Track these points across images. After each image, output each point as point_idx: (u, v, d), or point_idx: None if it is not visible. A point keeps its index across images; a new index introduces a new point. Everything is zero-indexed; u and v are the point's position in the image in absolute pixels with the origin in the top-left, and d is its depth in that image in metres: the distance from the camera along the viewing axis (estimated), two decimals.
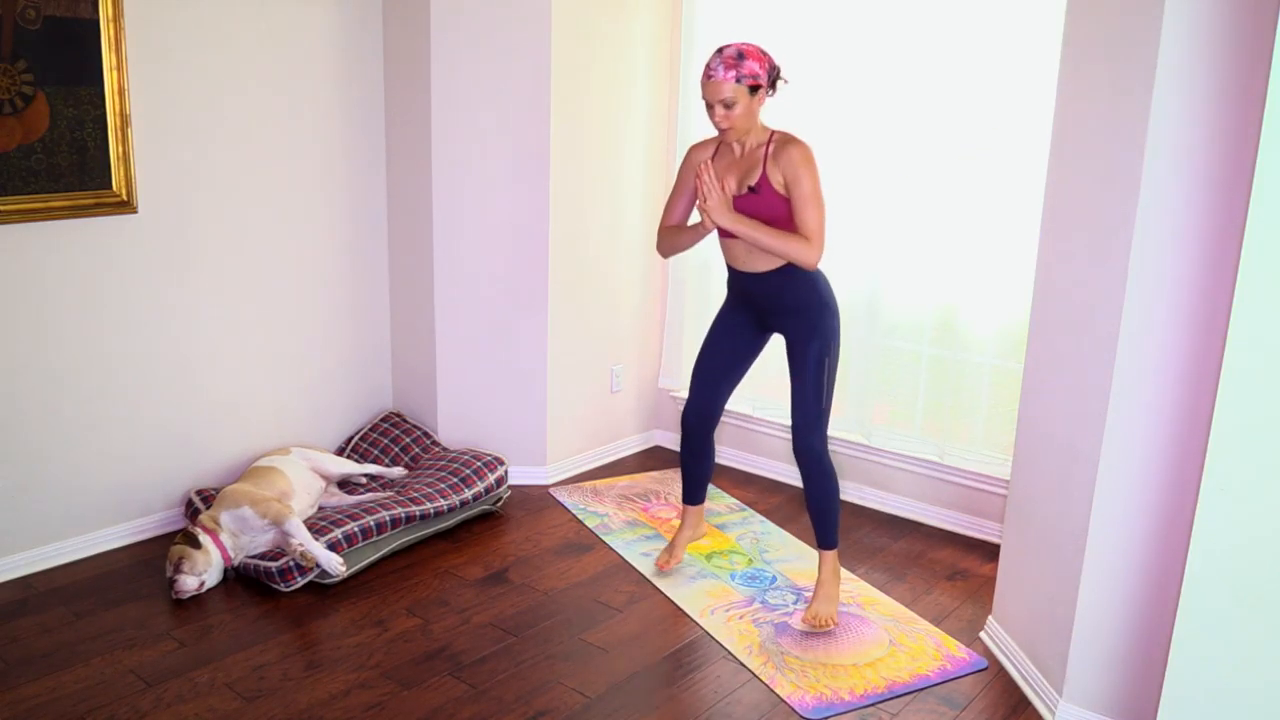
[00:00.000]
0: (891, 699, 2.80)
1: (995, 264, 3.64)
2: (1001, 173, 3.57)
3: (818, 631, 3.12)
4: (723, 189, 2.92)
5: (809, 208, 2.89)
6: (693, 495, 3.50)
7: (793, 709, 2.74)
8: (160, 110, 3.38)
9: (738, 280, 3.16)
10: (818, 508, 3.15)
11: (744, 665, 2.94)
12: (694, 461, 3.42)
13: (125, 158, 3.30)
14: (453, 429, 4.17)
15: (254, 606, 3.17)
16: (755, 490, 4.22)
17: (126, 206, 3.35)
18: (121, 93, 3.25)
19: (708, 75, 2.87)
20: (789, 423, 4.24)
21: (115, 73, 3.23)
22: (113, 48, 3.21)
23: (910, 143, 3.78)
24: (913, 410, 3.97)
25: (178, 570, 3.16)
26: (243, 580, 3.31)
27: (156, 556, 3.43)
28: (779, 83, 2.95)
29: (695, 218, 3.15)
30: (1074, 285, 2.61)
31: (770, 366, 4.32)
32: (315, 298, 3.96)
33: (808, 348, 3.06)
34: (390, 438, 4.10)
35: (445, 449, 4.04)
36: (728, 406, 4.44)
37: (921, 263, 3.83)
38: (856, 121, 3.90)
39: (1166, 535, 2.42)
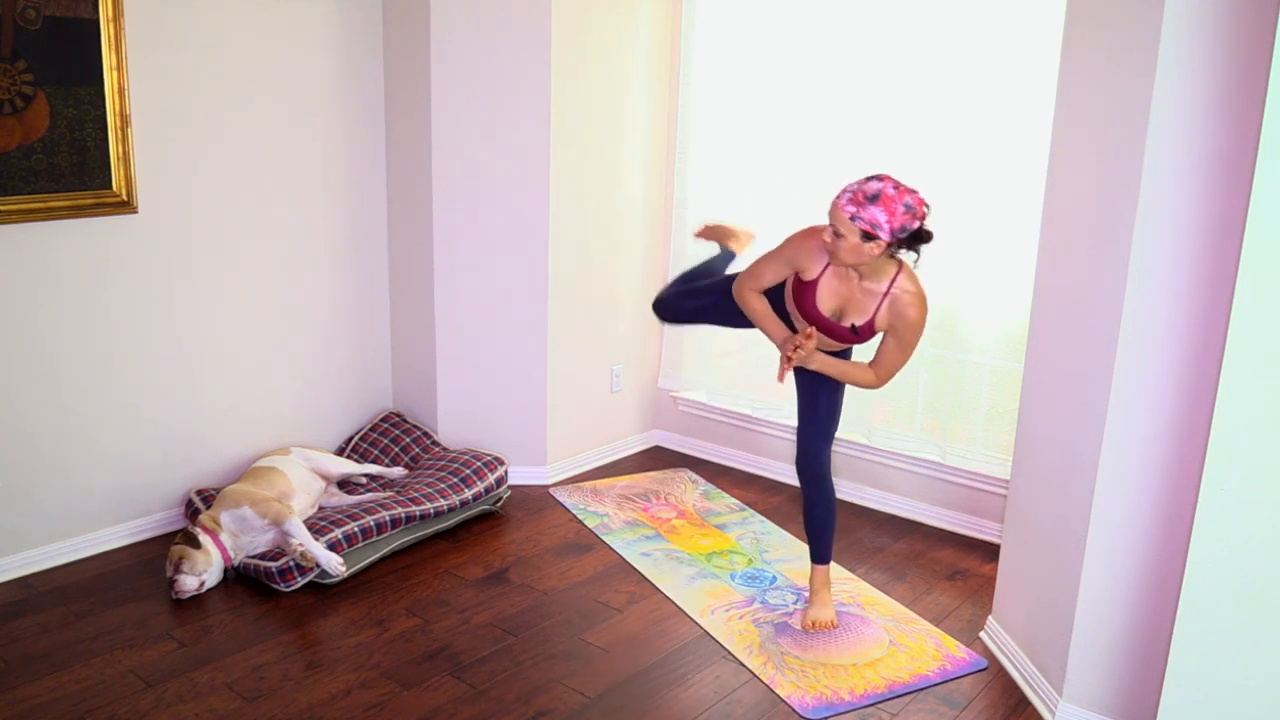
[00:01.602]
0: (891, 699, 2.80)
1: (995, 264, 3.64)
2: (1001, 173, 3.57)
3: (820, 631, 3.12)
4: (810, 337, 2.79)
5: (898, 353, 2.82)
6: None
7: (793, 709, 2.74)
8: (160, 110, 3.38)
9: None
10: (820, 525, 3.15)
11: (744, 665, 2.94)
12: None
13: (125, 158, 3.30)
14: (453, 429, 4.17)
15: (254, 606, 3.17)
16: (755, 490, 4.22)
17: (126, 206, 3.35)
18: (121, 93, 3.25)
19: (836, 196, 2.68)
20: (788, 423, 4.28)
21: (115, 73, 3.23)
22: (113, 48, 3.21)
23: (910, 143, 3.78)
24: (913, 410, 3.97)
25: (178, 570, 3.16)
26: (243, 580, 3.31)
27: (156, 556, 3.43)
28: (920, 244, 2.67)
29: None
30: (1074, 285, 2.61)
31: (770, 366, 4.32)
32: (315, 298, 3.96)
33: (826, 383, 3.05)
34: (390, 438, 4.10)
35: (445, 449, 4.04)
36: (728, 407, 4.47)
37: (921, 263, 3.81)
38: (856, 121, 3.90)
39: (1166, 535, 2.42)
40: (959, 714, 2.75)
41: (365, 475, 3.89)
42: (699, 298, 3.30)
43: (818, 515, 3.13)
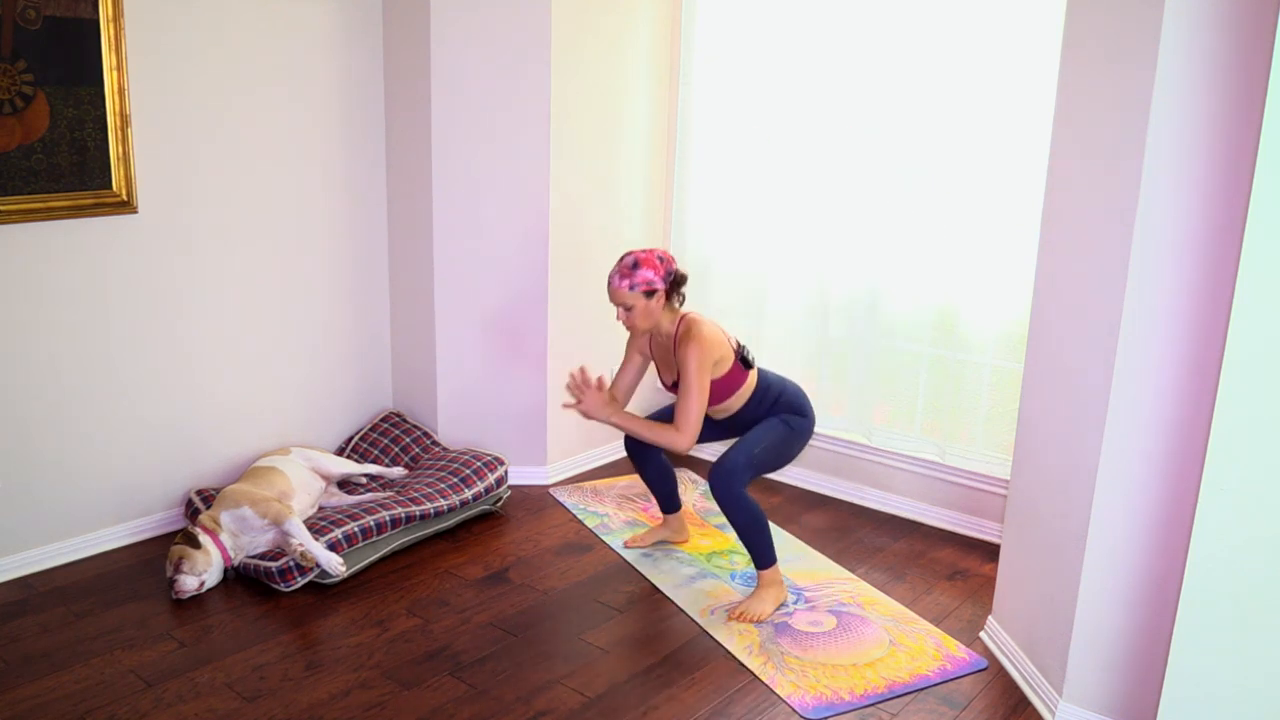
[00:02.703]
0: (891, 699, 2.80)
1: (995, 264, 3.64)
2: (1001, 173, 3.57)
3: (751, 623, 3.15)
4: (599, 386, 3.17)
5: (688, 395, 3.11)
6: (665, 506, 3.64)
7: (793, 709, 2.74)
8: (160, 110, 3.38)
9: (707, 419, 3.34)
10: (746, 539, 3.21)
11: (744, 665, 2.94)
12: (649, 478, 3.58)
13: (125, 158, 3.30)
14: (453, 429, 4.17)
15: (254, 606, 3.17)
16: (755, 490, 4.21)
17: (126, 206, 3.35)
18: (121, 93, 3.25)
19: (608, 282, 3.14)
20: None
21: (115, 73, 3.23)
22: (113, 48, 3.21)
23: (910, 142, 3.78)
24: (913, 410, 3.97)
25: (178, 570, 3.16)
26: (243, 580, 3.31)
27: (156, 556, 3.43)
28: (681, 286, 3.19)
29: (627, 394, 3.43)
30: (1074, 286, 2.61)
31: (770, 366, 4.33)
32: (315, 298, 3.96)
33: (769, 418, 3.28)
34: (390, 438, 4.10)
35: (445, 449, 4.04)
36: None
37: (921, 263, 3.83)
38: (856, 121, 3.90)
39: (1166, 535, 2.42)
40: (959, 714, 2.75)
41: (365, 475, 3.89)
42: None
43: (744, 529, 3.19)
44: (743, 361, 3.25)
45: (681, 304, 3.24)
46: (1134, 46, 2.33)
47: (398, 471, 3.94)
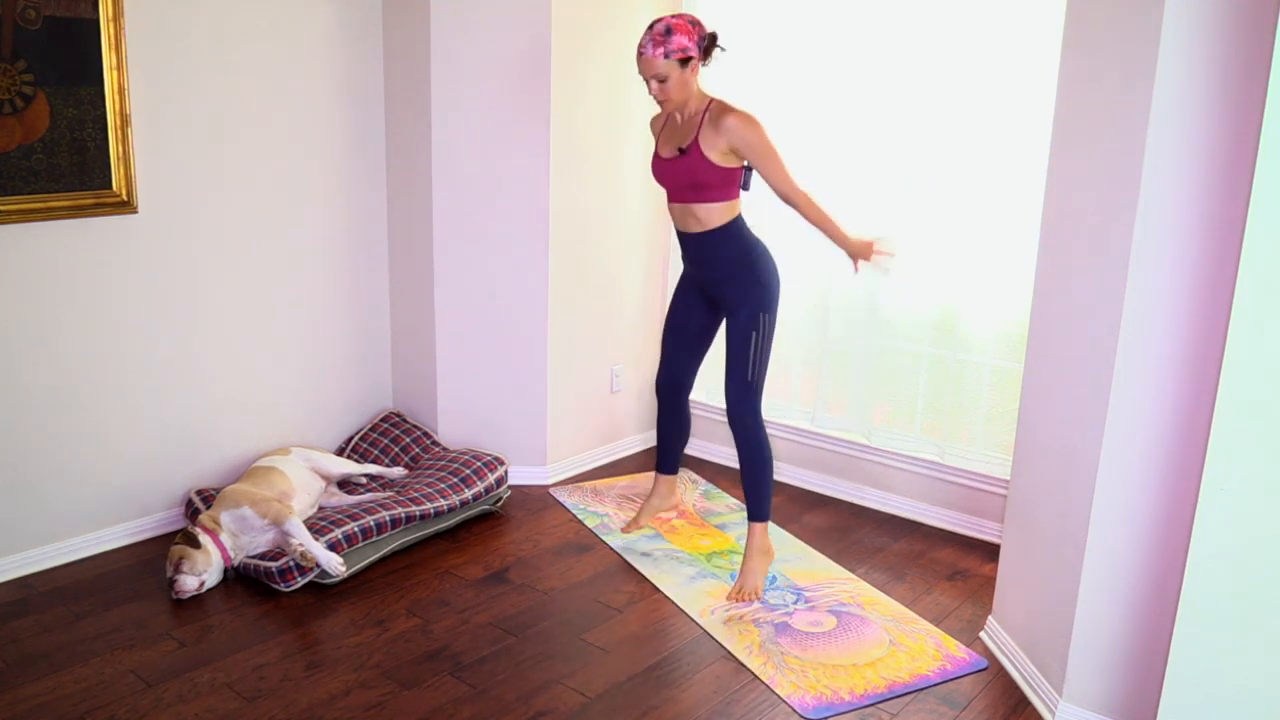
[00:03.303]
0: (891, 699, 2.80)
1: (995, 264, 3.64)
2: (1001, 173, 3.57)
3: (747, 603, 3.21)
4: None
5: (775, 172, 3.06)
6: (664, 464, 3.68)
7: (793, 709, 2.74)
8: (160, 110, 3.38)
9: (681, 245, 3.35)
10: (748, 478, 3.27)
11: (744, 665, 2.94)
12: (665, 429, 3.60)
13: (125, 158, 3.30)
14: (453, 429, 4.17)
15: (254, 606, 3.17)
16: None
17: (126, 206, 3.35)
18: (121, 93, 3.25)
19: (639, 53, 3.01)
20: (787, 423, 4.28)
21: (115, 73, 3.23)
22: (113, 48, 3.21)
23: (911, 143, 3.78)
24: (913, 410, 3.97)
25: (178, 570, 3.16)
26: (243, 580, 3.31)
27: (156, 556, 3.43)
28: (715, 50, 3.06)
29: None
30: (1074, 285, 2.61)
31: (769, 366, 4.32)
32: (315, 297, 3.96)
33: (736, 317, 3.23)
34: (390, 438, 4.10)
35: (445, 449, 4.04)
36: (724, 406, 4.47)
37: (921, 263, 3.83)
38: (856, 121, 3.90)
39: (1166, 535, 2.42)
40: (959, 714, 2.75)
41: (365, 475, 3.89)
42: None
43: (748, 465, 3.25)
44: (744, 183, 3.20)
45: (719, 53, 3.13)
46: (1134, 47, 2.33)
47: (398, 471, 3.94)
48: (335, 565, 3.23)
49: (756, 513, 3.32)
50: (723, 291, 3.27)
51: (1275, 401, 1.90)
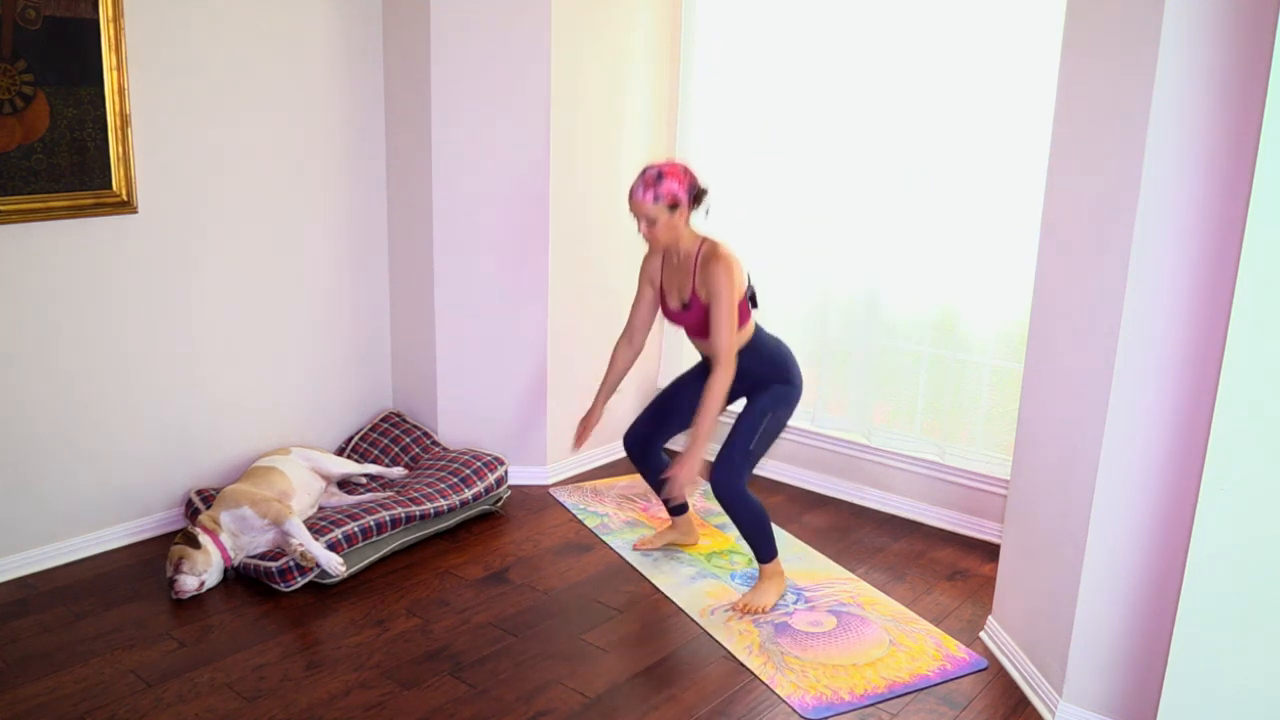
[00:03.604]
0: (891, 699, 2.80)
1: (995, 264, 3.64)
2: (1001, 173, 3.57)
3: (758, 617, 3.19)
4: (686, 471, 3.07)
5: (719, 325, 3.07)
6: (671, 509, 3.61)
7: (793, 709, 2.74)
8: (160, 110, 3.38)
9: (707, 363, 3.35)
10: (749, 534, 3.23)
11: (744, 665, 2.94)
12: (650, 481, 3.55)
13: (125, 158, 3.30)
14: (453, 429, 4.17)
15: (254, 606, 3.17)
16: (755, 490, 4.18)
17: (126, 206, 3.35)
18: (121, 93, 3.25)
19: (630, 194, 3.08)
20: (788, 423, 4.27)
21: (115, 73, 3.23)
22: (113, 48, 3.21)
23: (911, 142, 3.78)
24: (913, 410, 3.97)
25: (178, 570, 3.16)
26: (243, 580, 3.31)
27: (156, 556, 3.43)
28: (704, 197, 3.13)
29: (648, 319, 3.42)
30: (1074, 285, 2.61)
31: None
32: (315, 297, 3.96)
33: (755, 400, 3.25)
34: (390, 438, 4.10)
35: (445, 449, 4.04)
36: (728, 407, 4.46)
37: (921, 263, 3.83)
38: (856, 120, 3.90)
39: (1166, 535, 2.42)
40: (959, 714, 2.75)
41: (365, 475, 3.89)
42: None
43: (746, 525, 3.21)
44: (751, 299, 3.23)
45: (708, 214, 3.18)
46: (1134, 47, 2.33)
47: (398, 471, 3.94)
48: (335, 565, 3.22)
49: (764, 557, 3.26)
50: (746, 387, 3.28)
51: (1275, 401, 1.90)
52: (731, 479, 3.14)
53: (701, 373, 3.38)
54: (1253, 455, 1.93)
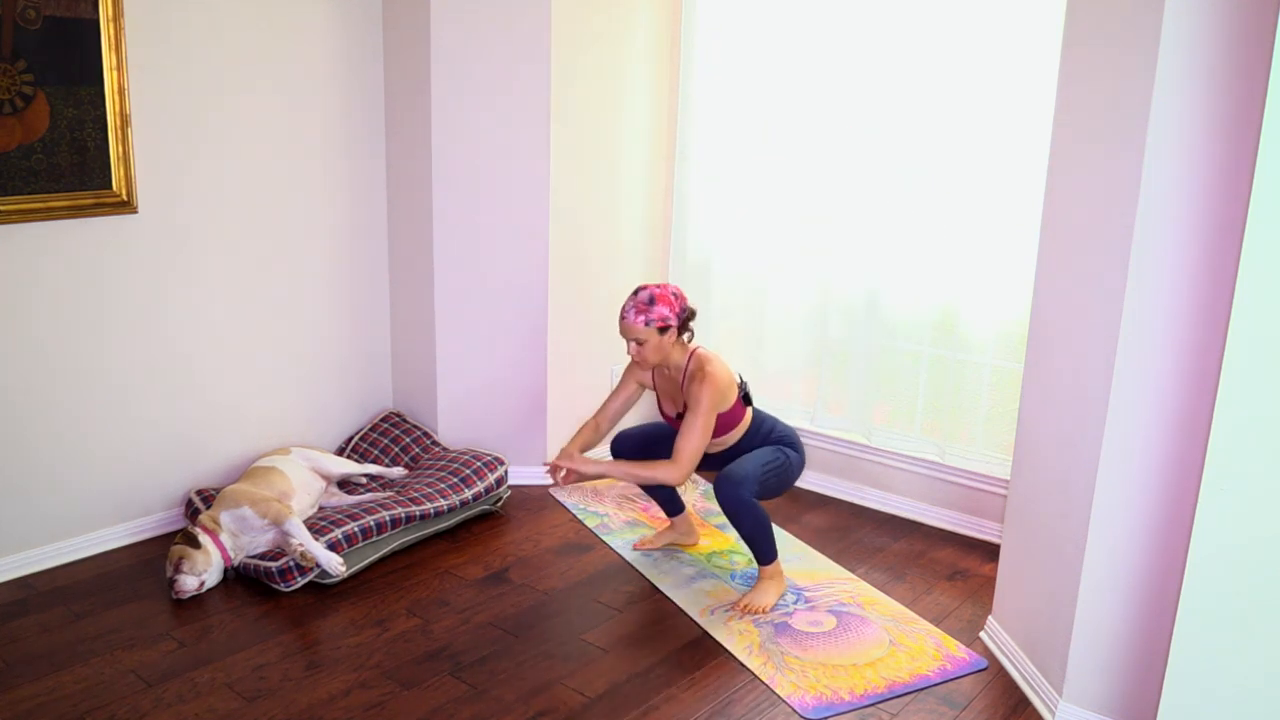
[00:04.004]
0: (891, 699, 2.80)
1: (995, 264, 3.64)
2: (1002, 173, 3.57)
3: (758, 616, 3.21)
4: (570, 459, 3.24)
5: (692, 434, 3.14)
6: (668, 509, 3.63)
7: (793, 709, 2.74)
8: (160, 110, 3.39)
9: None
10: (750, 537, 3.23)
11: (744, 665, 2.94)
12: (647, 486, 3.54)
13: (125, 158, 3.30)
14: (453, 429, 4.17)
15: (254, 606, 3.17)
16: None
17: (126, 206, 3.35)
18: (121, 93, 3.25)
19: (621, 315, 3.18)
20: (788, 423, 4.27)
21: (115, 73, 3.23)
22: (113, 48, 3.21)
23: (911, 142, 3.78)
24: (913, 410, 3.97)
25: (178, 570, 3.16)
26: (243, 580, 3.31)
27: (156, 556, 3.43)
28: (692, 320, 3.25)
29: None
30: (1074, 285, 2.61)
31: (769, 366, 4.33)
32: (315, 298, 3.96)
33: (769, 447, 3.31)
34: (390, 438, 4.10)
35: (445, 449, 4.04)
36: None
37: (921, 263, 3.83)
38: (856, 121, 3.89)
39: (1166, 535, 2.42)
40: (959, 714, 2.75)
41: (365, 475, 3.89)
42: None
43: (750, 530, 3.22)
44: (744, 398, 3.33)
45: (690, 339, 3.30)
46: (1134, 46, 2.33)
47: (398, 471, 3.94)
48: (335, 565, 3.23)
49: (765, 559, 3.27)
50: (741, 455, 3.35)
51: (1275, 401, 1.90)
52: (739, 490, 3.14)
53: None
54: (1253, 455, 1.93)
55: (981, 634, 3.14)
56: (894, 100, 3.79)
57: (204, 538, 3.24)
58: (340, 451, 4.10)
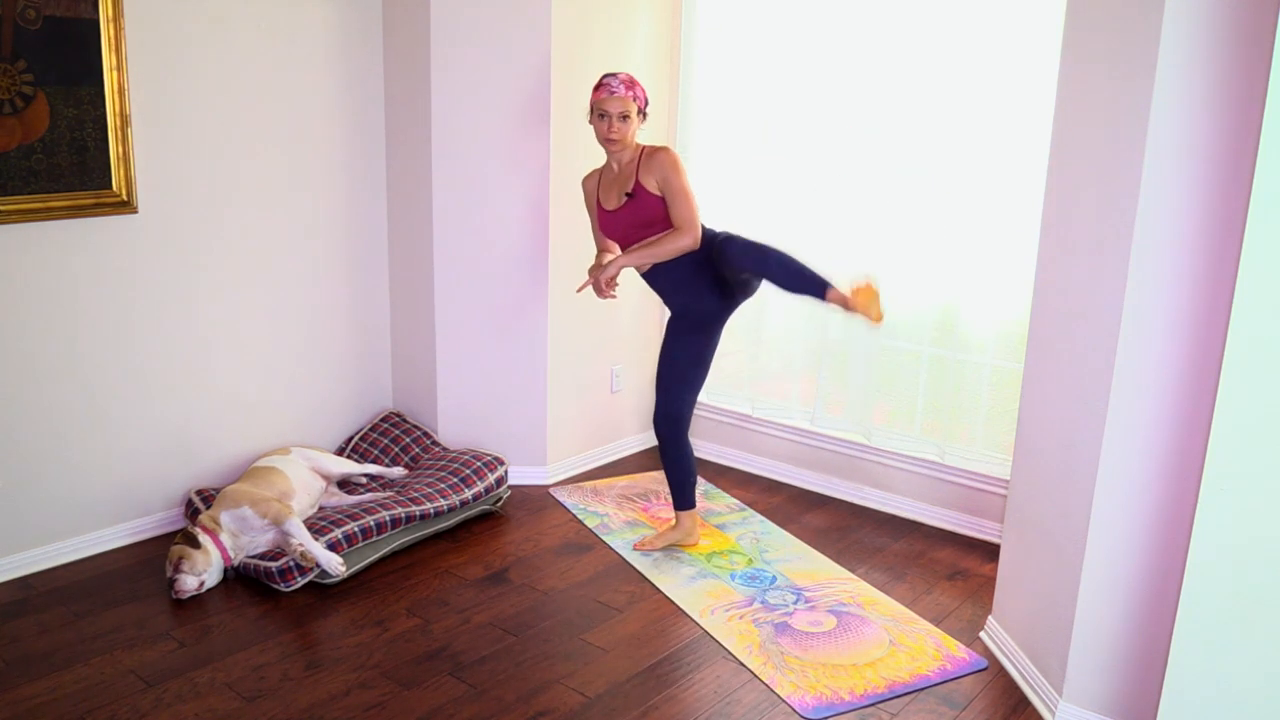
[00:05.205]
0: (891, 699, 2.80)
1: (995, 264, 3.64)
2: (1002, 173, 3.57)
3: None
4: (599, 269, 3.45)
5: (679, 202, 3.32)
6: (677, 502, 3.66)
7: (793, 709, 2.74)
8: (160, 110, 3.39)
9: (649, 282, 3.55)
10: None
11: (744, 665, 2.94)
12: (671, 470, 3.64)
13: (125, 158, 3.30)
14: (453, 429, 4.17)
15: (254, 606, 3.17)
16: (755, 490, 4.22)
17: (126, 206, 3.35)
18: (121, 93, 3.25)
19: (609, 91, 3.31)
20: (787, 423, 4.29)
21: (115, 73, 3.23)
22: (113, 48, 3.21)
23: (911, 142, 3.78)
24: (913, 410, 3.97)
25: (178, 570, 3.16)
26: (243, 580, 3.31)
27: (156, 556, 3.43)
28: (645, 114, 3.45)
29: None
30: (1074, 286, 2.61)
31: (769, 366, 4.33)
32: (315, 298, 3.96)
33: (679, 325, 3.48)
34: (390, 438, 4.10)
35: (445, 449, 4.04)
36: (728, 407, 4.47)
37: (921, 262, 3.82)
38: (856, 121, 3.90)
39: (1166, 535, 2.42)
40: (959, 714, 2.75)
41: (365, 475, 3.89)
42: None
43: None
44: None
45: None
46: (1134, 47, 2.33)
47: (398, 471, 3.94)
48: (335, 565, 3.23)
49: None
50: (675, 301, 3.51)
51: (1275, 401, 1.90)
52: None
53: (670, 322, 3.55)
54: (1253, 455, 1.93)
55: (981, 634, 3.14)
56: (894, 100, 3.79)
57: (204, 538, 3.24)
58: (340, 451, 4.10)
